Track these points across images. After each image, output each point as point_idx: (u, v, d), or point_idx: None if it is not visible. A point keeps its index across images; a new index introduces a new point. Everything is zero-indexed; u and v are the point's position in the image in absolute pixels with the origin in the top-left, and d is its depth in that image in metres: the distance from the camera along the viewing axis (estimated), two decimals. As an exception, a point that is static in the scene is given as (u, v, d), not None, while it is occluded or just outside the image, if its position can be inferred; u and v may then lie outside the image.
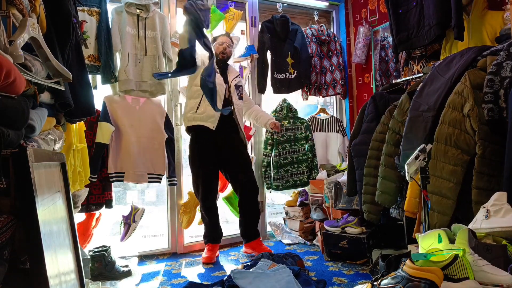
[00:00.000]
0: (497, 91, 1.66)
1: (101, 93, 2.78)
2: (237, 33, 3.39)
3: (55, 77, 1.46)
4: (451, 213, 1.79)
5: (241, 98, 2.96)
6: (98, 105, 2.64)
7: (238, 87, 2.94)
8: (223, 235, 2.96)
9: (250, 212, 2.91)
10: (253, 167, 3.36)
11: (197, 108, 2.79)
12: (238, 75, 3.01)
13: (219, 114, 2.75)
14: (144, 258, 2.89)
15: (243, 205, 2.91)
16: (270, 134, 3.41)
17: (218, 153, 2.84)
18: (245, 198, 2.90)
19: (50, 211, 1.33)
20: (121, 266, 2.43)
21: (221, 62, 2.91)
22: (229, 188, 3.18)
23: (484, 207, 1.50)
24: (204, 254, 2.80)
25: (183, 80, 3.14)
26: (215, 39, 2.97)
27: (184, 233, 3.08)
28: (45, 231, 1.19)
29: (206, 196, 2.82)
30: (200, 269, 2.64)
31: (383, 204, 2.24)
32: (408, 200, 1.98)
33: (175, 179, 2.95)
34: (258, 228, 2.98)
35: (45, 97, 1.52)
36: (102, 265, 2.34)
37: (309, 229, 3.25)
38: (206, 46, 2.61)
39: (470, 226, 1.49)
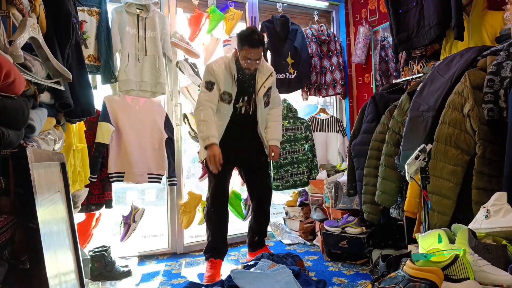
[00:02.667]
0: (497, 91, 1.66)
1: (101, 93, 2.78)
2: (237, 33, 3.38)
3: (55, 77, 1.46)
4: (451, 213, 1.79)
5: (267, 103, 2.53)
6: (98, 105, 2.64)
7: (267, 91, 2.49)
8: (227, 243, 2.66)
9: (264, 220, 2.70)
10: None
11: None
12: (269, 76, 2.48)
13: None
14: (144, 258, 2.89)
15: (257, 212, 2.69)
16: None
17: (232, 157, 2.46)
18: (259, 206, 2.67)
19: (50, 211, 1.33)
20: (121, 266, 2.43)
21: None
22: (229, 188, 3.17)
23: (484, 207, 1.49)
24: (206, 272, 2.40)
25: (183, 80, 3.15)
26: (241, 44, 2.30)
27: (184, 233, 3.08)
28: (45, 231, 1.19)
29: (217, 197, 2.48)
30: (200, 269, 2.63)
31: (383, 204, 2.24)
32: (408, 200, 1.97)
33: (175, 179, 2.95)
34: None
35: (45, 97, 1.52)
36: (102, 265, 2.34)
37: (309, 229, 3.25)
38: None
39: (470, 226, 1.49)
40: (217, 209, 2.49)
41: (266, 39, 3.39)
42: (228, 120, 2.43)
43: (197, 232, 3.18)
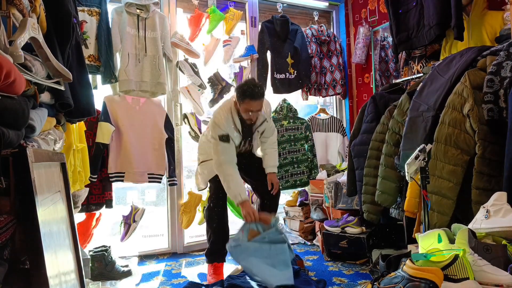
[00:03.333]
0: (497, 91, 1.66)
1: (101, 93, 2.79)
2: (237, 33, 3.39)
3: (55, 77, 1.46)
4: (451, 213, 1.79)
5: (263, 135, 2.57)
6: (98, 105, 2.65)
7: (262, 132, 2.54)
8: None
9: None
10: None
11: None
12: (263, 122, 2.50)
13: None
14: (144, 258, 2.89)
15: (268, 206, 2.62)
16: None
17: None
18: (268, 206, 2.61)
19: (50, 211, 1.33)
20: (121, 266, 2.44)
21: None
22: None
23: (484, 207, 1.49)
24: (209, 276, 2.39)
25: (183, 80, 3.15)
26: (241, 97, 2.27)
27: (184, 233, 3.09)
28: (45, 231, 1.19)
29: (217, 200, 2.47)
30: (200, 269, 2.64)
31: (383, 204, 2.24)
32: (408, 200, 1.98)
33: (175, 179, 2.95)
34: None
35: (45, 97, 1.52)
36: (102, 265, 2.34)
37: (309, 229, 3.25)
38: None
39: (470, 226, 1.49)
40: (220, 206, 2.46)
41: (266, 39, 3.40)
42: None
43: (197, 232, 3.18)
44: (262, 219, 2.25)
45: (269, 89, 3.47)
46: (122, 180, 2.74)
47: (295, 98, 3.89)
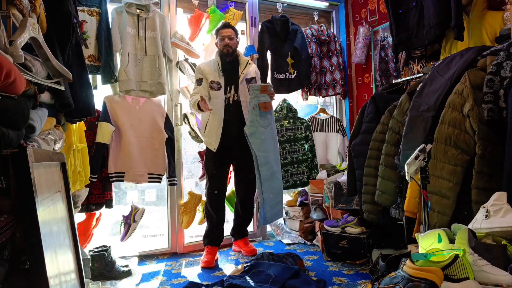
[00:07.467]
0: (497, 91, 1.66)
1: (101, 93, 2.78)
2: (237, 33, 3.38)
3: (55, 77, 1.46)
4: (451, 213, 1.79)
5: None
6: (98, 105, 2.65)
7: (250, 80, 2.81)
8: (224, 234, 2.95)
9: (244, 212, 3.01)
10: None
11: (205, 128, 2.80)
12: (247, 65, 2.83)
13: (219, 135, 2.72)
14: (144, 258, 2.89)
15: (240, 204, 3.00)
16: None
17: (229, 153, 2.81)
18: (242, 199, 2.99)
19: (50, 211, 1.33)
20: (121, 266, 2.44)
21: (228, 56, 2.77)
22: (230, 188, 3.18)
23: (484, 207, 1.50)
24: (203, 257, 2.75)
25: (183, 80, 3.15)
26: (216, 35, 2.83)
27: (184, 233, 3.08)
28: (45, 231, 1.19)
29: (213, 194, 2.82)
30: (200, 269, 2.64)
31: (383, 204, 2.24)
32: (408, 200, 1.98)
33: (175, 179, 2.95)
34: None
35: (45, 97, 1.52)
36: (102, 265, 2.34)
37: (309, 229, 3.25)
38: None
39: (470, 226, 1.49)
40: (210, 204, 2.83)
41: (265, 37, 3.41)
42: (222, 116, 2.74)
43: (197, 232, 3.18)
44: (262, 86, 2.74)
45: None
46: (122, 180, 2.74)
47: (295, 98, 3.89)
